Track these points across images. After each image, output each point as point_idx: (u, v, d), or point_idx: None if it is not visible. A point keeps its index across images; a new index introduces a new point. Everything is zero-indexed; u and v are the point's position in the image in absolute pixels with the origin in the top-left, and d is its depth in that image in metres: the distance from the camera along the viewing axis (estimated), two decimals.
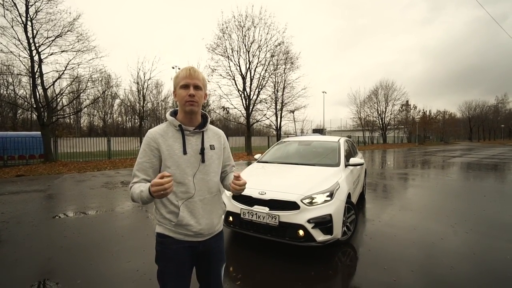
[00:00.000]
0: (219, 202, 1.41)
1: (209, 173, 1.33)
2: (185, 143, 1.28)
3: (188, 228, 1.26)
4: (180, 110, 1.30)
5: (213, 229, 1.35)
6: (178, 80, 1.26)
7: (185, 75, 1.24)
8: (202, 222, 1.28)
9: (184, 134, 1.28)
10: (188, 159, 1.27)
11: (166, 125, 1.30)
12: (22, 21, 12.01)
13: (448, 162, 13.88)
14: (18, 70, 13.76)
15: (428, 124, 46.52)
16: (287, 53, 19.12)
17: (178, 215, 1.24)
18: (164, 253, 1.28)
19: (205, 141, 1.34)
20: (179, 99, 1.26)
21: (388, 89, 40.85)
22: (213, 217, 1.34)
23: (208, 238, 1.33)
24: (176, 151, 1.25)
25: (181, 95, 1.25)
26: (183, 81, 1.24)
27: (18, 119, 33.15)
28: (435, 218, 4.35)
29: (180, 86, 1.25)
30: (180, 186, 1.25)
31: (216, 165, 1.38)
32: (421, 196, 6.16)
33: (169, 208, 1.26)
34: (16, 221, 4.29)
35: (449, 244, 3.32)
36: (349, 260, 2.97)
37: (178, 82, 1.26)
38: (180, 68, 16.02)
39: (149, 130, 1.29)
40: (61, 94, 14.96)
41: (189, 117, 1.30)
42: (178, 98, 1.27)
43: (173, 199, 1.25)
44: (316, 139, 5.07)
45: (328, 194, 3.02)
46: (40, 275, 2.61)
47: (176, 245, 1.26)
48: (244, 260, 2.95)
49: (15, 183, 8.01)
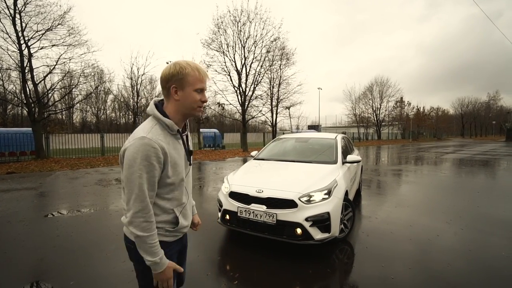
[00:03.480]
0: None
1: (190, 174, 1.33)
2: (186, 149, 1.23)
3: (182, 230, 1.27)
4: (181, 111, 1.17)
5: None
6: (191, 80, 1.12)
7: (201, 79, 1.14)
8: (189, 220, 1.33)
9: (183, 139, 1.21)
10: (184, 165, 1.21)
11: (160, 128, 1.13)
12: (10, 14, 11.64)
13: (441, 159, 14.06)
14: (8, 65, 13.38)
15: (421, 120, 47.12)
16: (283, 48, 18.98)
17: (178, 224, 1.21)
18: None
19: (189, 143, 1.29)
20: (190, 101, 1.14)
21: (383, 86, 41.15)
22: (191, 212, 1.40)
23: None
24: (177, 159, 1.16)
25: (195, 99, 1.14)
26: (200, 84, 1.14)
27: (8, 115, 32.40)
28: (430, 215, 4.38)
29: (195, 89, 1.14)
30: (178, 194, 1.20)
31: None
32: (416, 193, 6.21)
33: (165, 218, 1.18)
34: (6, 220, 4.18)
35: (445, 241, 3.34)
36: (346, 258, 2.97)
37: (192, 83, 1.13)
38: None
39: (146, 137, 1.05)
40: (53, 89, 14.63)
41: (184, 121, 1.22)
42: (189, 101, 1.14)
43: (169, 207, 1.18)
44: (313, 136, 5.04)
45: (326, 192, 3.00)
46: (32, 277, 2.54)
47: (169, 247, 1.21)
48: (241, 259, 2.92)
49: (5, 180, 7.82)
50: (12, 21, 11.71)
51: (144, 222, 1.05)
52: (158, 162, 1.07)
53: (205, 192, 6.33)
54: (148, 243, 1.06)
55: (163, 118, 1.12)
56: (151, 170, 1.05)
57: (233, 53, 17.92)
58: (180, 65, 1.12)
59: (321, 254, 2.99)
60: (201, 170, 10.01)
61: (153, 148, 1.05)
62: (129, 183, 1.04)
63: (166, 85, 1.13)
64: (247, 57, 18.02)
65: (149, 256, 1.07)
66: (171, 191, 1.16)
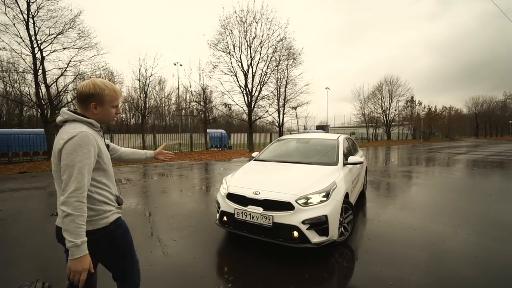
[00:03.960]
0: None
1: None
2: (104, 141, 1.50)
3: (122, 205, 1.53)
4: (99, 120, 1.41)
5: None
6: (109, 99, 1.39)
7: (117, 97, 1.44)
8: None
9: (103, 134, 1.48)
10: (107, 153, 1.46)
11: (87, 126, 1.34)
12: (24, 19, 12.02)
13: (452, 159, 13.64)
14: (22, 68, 13.82)
15: (433, 120, 45.83)
16: (289, 48, 18.86)
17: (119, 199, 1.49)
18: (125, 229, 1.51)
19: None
20: (108, 115, 1.43)
21: (392, 85, 40.21)
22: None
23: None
24: (104, 150, 1.39)
25: (111, 114, 1.44)
26: (116, 101, 1.44)
27: (24, 117, 33.54)
28: (436, 218, 4.24)
29: (113, 106, 1.43)
30: (111, 178, 1.46)
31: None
32: (423, 195, 6.03)
33: (110, 197, 1.41)
34: (13, 219, 4.30)
35: (450, 246, 3.21)
36: (345, 262, 2.89)
37: (110, 102, 1.40)
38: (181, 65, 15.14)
39: (83, 130, 1.27)
40: (64, 91, 15.02)
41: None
42: (106, 114, 1.42)
43: (112, 189, 1.44)
44: (315, 136, 4.96)
45: (324, 194, 2.94)
46: (31, 276, 2.58)
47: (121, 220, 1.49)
48: (237, 261, 2.89)
49: (17, 180, 8.07)
50: (26, 26, 12.09)
51: (77, 202, 1.17)
52: (94, 150, 1.28)
53: (208, 192, 6.34)
54: (76, 223, 1.16)
55: (87, 119, 1.34)
56: (89, 156, 1.25)
57: (240, 54, 17.94)
58: (100, 86, 1.35)
59: (319, 258, 2.93)
60: (207, 171, 10.05)
61: (89, 139, 1.26)
62: (70, 168, 1.19)
63: (86, 100, 1.35)
64: (254, 57, 18.00)
65: (72, 237, 1.16)
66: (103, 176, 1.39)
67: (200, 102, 19.51)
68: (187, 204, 5.16)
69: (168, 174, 9.08)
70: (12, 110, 32.87)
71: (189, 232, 3.70)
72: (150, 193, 6.21)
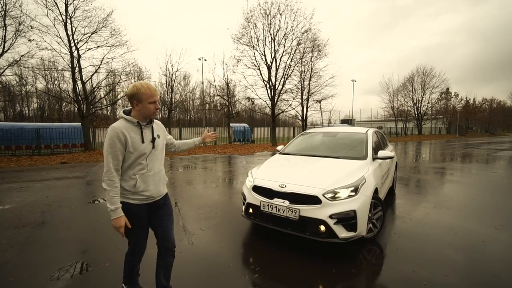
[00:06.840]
0: (163, 175, 1.90)
1: (156, 154, 1.80)
2: (152, 136, 1.78)
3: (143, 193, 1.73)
4: (143, 115, 1.72)
5: (161, 193, 1.85)
6: (144, 97, 1.67)
7: (152, 94, 1.69)
8: (151, 188, 1.76)
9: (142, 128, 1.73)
10: (145, 146, 1.72)
11: (124, 121, 1.69)
12: (63, 20, 12.89)
13: (493, 156, 12.54)
14: (61, 66, 14.91)
15: (471, 113, 42.31)
16: (314, 40, 18.33)
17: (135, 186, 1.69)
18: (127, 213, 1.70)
19: (154, 132, 1.81)
20: (148, 110, 1.71)
21: (426, 76, 37.56)
22: (160, 185, 1.84)
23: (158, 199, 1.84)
24: (136, 140, 1.68)
25: (150, 109, 1.71)
26: (151, 98, 1.69)
27: (63, 111, 36.27)
28: (476, 218, 3.95)
29: (150, 102, 1.69)
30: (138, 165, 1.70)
31: (161, 149, 1.87)
32: (460, 193, 5.63)
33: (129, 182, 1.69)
34: (58, 204, 4.71)
35: (492, 248, 2.98)
36: (374, 259, 2.81)
37: (146, 99, 1.68)
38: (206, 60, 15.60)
39: (111, 126, 1.63)
40: (98, 87, 15.99)
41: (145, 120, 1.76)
42: (146, 110, 1.70)
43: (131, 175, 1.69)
44: (342, 130, 4.81)
45: (353, 189, 2.85)
46: (73, 257, 2.83)
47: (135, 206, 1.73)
48: (263, 253, 2.92)
49: (59, 169, 8.81)
50: (64, 26, 12.98)
51: (108, 180, 1.61)
52: (119, 141, 1.61)
53: (232, 185, 6.46)
54: (109, 195, 1.62)
55: (126, 116, 1.70)
56: (113, 146, 1.60)
57: (263, 47, 17.82)
58: (136, 86, 1.67)
59: (347, 253, 2.87)
60: (230, 164, 10.22)
61: (114, 132, 1.61)
62: (103, 154, 1.63)
63: (130, 100, 1.69)
64: (277, 50, 17.81)
65: (109, 204, 1.63)
66: (133, 162, 1.67)
67: (223, 96, 19.76)
68: (212, 196, 5.30)
69: (193, 167, 9.37)
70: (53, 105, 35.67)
71: (216, 223, 3.80)
72: (177, 184, 6.46)
